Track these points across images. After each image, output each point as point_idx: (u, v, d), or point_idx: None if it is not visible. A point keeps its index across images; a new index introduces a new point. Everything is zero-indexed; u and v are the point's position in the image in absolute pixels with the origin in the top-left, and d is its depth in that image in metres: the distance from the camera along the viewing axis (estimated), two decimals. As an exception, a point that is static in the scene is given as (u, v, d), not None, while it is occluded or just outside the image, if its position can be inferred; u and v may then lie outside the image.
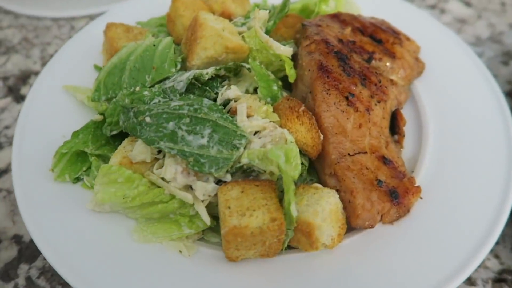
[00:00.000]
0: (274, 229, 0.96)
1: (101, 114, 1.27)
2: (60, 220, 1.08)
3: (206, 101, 1.10)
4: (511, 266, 1.20)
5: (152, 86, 1.23)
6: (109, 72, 1.29)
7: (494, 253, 1.23)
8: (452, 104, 1.36)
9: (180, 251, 1.05)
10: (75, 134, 1.21)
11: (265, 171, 1.04)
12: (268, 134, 1.08)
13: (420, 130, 1.34)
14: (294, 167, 1.03)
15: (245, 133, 1.07)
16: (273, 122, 1.12)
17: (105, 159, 1.21)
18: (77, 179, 1.18)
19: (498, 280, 1.17)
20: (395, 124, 1.30)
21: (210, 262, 1.04)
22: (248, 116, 1.11)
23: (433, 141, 1.28)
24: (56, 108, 1.35)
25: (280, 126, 1.11)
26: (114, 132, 1.22)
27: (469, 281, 1.17)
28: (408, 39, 1.47)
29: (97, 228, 1.08)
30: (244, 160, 1.03)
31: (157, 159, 1.09)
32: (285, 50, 1.26)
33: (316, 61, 1.23)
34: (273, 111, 1.14)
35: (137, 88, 1.20)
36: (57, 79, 1.41)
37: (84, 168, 1.19)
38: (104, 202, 1.06)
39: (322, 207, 1.01)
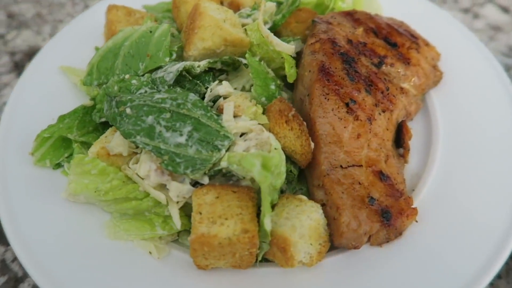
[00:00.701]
0: (244, 242, 0.89)
1: (93, 99, 1.23)
2: (33, 207, 1.05)
3: (191, 96, 1.03)
4: (513, 306, 1.09)
5: (144, 75, 1.17)
6: (103, 56, 1.24)
7: (495, 288, 1.11)
8: (468, 120, 1.24)
9: (150, 252, 1.00)
10: (61, 118, 1.17)
11: (244, 177, 0.97)
12: (254, 137, 1.00)
13: (429, 145, 1.23)
14: (276, 176, 0.95)
15: (229, 134, 1.00)
16: (262, 124, 1.04)
17: (89, 146, 1.16)
18: (58, 165, 1.15)
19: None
20: (400, 137, 1.20)
21: (180, 267, 0.99)
22: (235, 116, 1.04)
23: (441, 159, 1.17)
24: (51, 89, 1.32)
25: (269, 130, 1.03)
26: (103, 120, 1.18)
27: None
28: (427, 44, 1.34)
29: (69, 219, 1.04)
30: (223, 164, 0.96)
31: (135, 154, 1.03)
32: (286, 47, 1.17)
33: (318, 61, 1.14)
34: (265, 113, 1.06)
35: (127, 76, 1.14)
36: (56, 59, 1.38)
37: (66, 155, 1.16)
38: (76, 193, 1.01)
39: (302, 222, 0.93)
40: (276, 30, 1.37)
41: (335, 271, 0.98)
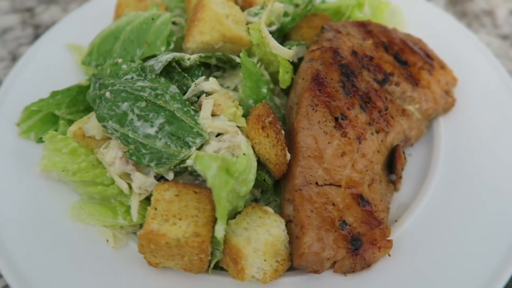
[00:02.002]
0: (193, 246, 0.85)
1: (89, 79, 1.23)
2: (7, 177, 1.06)
3: (172, 88, 1.00)
4: None
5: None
6: (104, 38, 1.24)
7: None
8: (473, 157, 1.13)
9: (107, 240, 0.98)
10: (54, 93, 1.18)
11: (208, 179, 0.93)
12: (228, 139, 0.96)
13: (425, 176, 1.13)
14: (240, 183, 0.90)
15: (203, 132, 0.96)
16: (239, 127, 0.99)
17: (75, 125, 1.17)
18: (42, 140, 1.15)
19: None
20: (393, 162, 1.11)
21: (133, 260, 0.96)
22: (213, 115, 1.00)
23: (433, 194, 1.07)
24: (54, 65, 1.34)
25: (246, 134, 0.99)
26: (95, 100, 1.17)
27: None
28: (443, 67, 1.24)
29: (39, 194, 1.05)
30: (189, 162, 0.92)
31: (109, 139, 1.02)
32: (283, 51, 1.12)
33: (313, 70, 1.08)
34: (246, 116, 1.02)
35: (120, 60, 1.14)
36: (65, 37, 1.40)
37: (52, 130, 1.16)
38: (46, 169, 1.01)
39: (258, 236, 0.88)
40: (285, 32, 1.32)
41: (290, 293, 0.92)
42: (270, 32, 1.24)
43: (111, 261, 0.96)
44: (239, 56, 1.15)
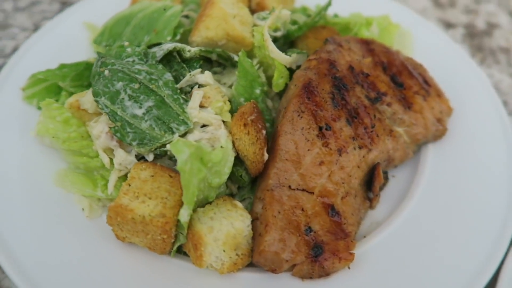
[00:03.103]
0: (157, 225, 0.89)
1: (97, 57, 1.29)
2: (4, 136, 1.12)
3: (167, 75, 1.05)
4: None
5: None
6: (117, 21, 1.30)
7: None
8: (453, 188, 1.13)
9: (83, 209, 1.03)
10: (62, 66, 1.24)
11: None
12: (211, 131, 1.00)
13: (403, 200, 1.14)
14: (214, 174, 0.94)
15: (188, 120, 1.00)
16: (224, 122, 1.03)
17: (76, 98, 1.23)
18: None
19: None
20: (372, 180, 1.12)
21: (103, 232, 1.00)
22: (202, 106, 1.03)
23: (406, 218, 1.08)
24: (69, 40, 1.40)
25: (230, 129, 1.02)
26: (100, 79, 1.23)
27: None
28: (439, 95, 1.25)
29: (28, 156, 1.10)
30: (169, 146, 0.96)
31: (101, 114, 1.07)
32: (280, 56, 1.15)
33: (305, 77, 1.10)
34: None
35: (126, 43, 1.19)
36: (85, 15, 1.47)
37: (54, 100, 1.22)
38: (40, 134, 1.07)
39: (221, 226, 0.91)
40: (292, 40, 1.36)
41: (244, 287, 0.94)
42: (275, 38, 1.28)
43: (82, 229, 1.00)
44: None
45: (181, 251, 1.00)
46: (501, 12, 2.01)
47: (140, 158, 1.01)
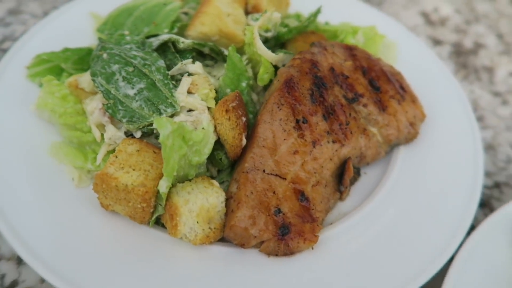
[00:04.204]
0: (138, 194, 0.97)
1: (100, 44, 1.38)
2: (5, 109, 1.21)
3: (160, 62, 1.14)
4: None
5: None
6: (120, 12, 1.40)
7: None
8: (419, 187, 1.21)
9: (73, 179, 1.11)
10: (65, 49, 1.34)
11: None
12: (195, 115, 1.09)
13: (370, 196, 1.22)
14: (194, 152, 1.02)
15: (176, 104, 1.09)
16: (209, 108, 1.12)
17: (76, 80, 1.32)
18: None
19: None
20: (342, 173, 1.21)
21: (90, 201, 1.08)
22: (189, 92, 1.13)
23: (372, 208, 1.16)
24: (75, 28, 1.50)
25: (213, 115, 1.11)
26: (100, 64, 1.32)
27: None
28: (414, 101, 1.34)
29: (27, 129, 1.18)
30: (155, 125, 1.05)
31: (97, 93, 1.16)
32: (267, 53, 1.25)
33: (288, 74, 1.20)
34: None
35: (126, 32, 1.29)
36: (92, 5, 1.57)
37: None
38: (39, 108, 1.16)
39: (196, 199, 0.99)
40: (282, 42, 1.45)
41: (214, 259, 1.02)
42: (266, 38, 1.38)
43: (71, 197, 1.09)
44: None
45: (159, 223, 1.08)
46: (490, 34, 2.11)
47: (129, 135, 1.10)
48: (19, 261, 1.11)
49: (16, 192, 1.07)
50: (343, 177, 1.19)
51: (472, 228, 1.15)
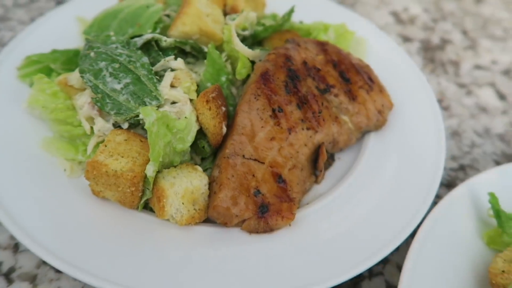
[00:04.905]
0: (127, 178, 1.05)
1: (86, 45, 1.46)
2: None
3: (144, 59, 1.23)
4: None
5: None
6: (106, 15, 1.48)
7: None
8: (387, 168, 1.32)
9: (65, 170, 1.19)
10: (54, 51, 1.41)
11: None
12: (178, 106, 1.17)
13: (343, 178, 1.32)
14: (178, 140, 1.11)
15: (160, 96, 1.18)
16: (191, 100, 1.20)
17: (65, 79, 1.39)
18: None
19: None
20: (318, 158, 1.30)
21: (82, 190, 1.15)
22: (172, 86, 1.21)
23: (344, 189, 1.26)
24: (62, 31, 1.57)
25: (195, 106, 1.20)
26: (88, 65, 1.40)
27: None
28: (382, 91, 1.45)
29: (19, 126, 1.25)
30: (141, 115, 1.13)
31: (85, 89, 1.24)
32: (244, 49, 1.34)
33: (263, 67, 1.29)
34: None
35: (112, 33, 1.37)
36: (78, 10, 1.65)
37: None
38: (31, 105, 1.23)
39: (181, 182, 1.08)
40: (259, 40, 1.55)
41: (200, 238, 1.10)
42: (244, 36, 1.48)
43: (64, 187, 1.16)
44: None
45: (147, 208, 1.16)
46: (455, 31, 2.25)
47: (117, 126, 1.18)
48: (15, 249, 1.18)
49: (12, 183, 1.13)
50: (317, 161, 1.29)
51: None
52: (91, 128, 1.19)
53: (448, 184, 1.51)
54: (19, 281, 1.11)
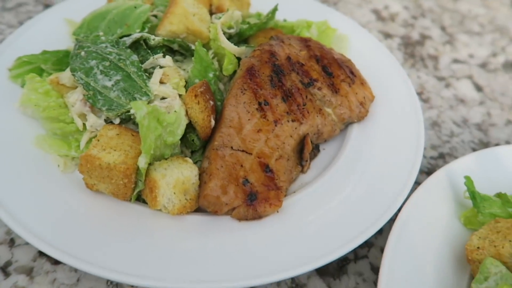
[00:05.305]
0: (120, 170, 1.09)
1: (76, 45, 1.50)
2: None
3: (134, 57, 1.28)
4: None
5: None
6: (94, 16, 1.52)
7: None
8: (369, 157, 1.37)
9: (58, 165, 1.22)
10: (44, 52, 1.45)
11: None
12: (168, 101, 1.22)
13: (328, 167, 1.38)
14: (168, 133, 1.16)
15: (150, 92, 1.23)
16: (180, 95, 1.25)
17: (56, 79, 1.43)
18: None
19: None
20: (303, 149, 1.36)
21: (76, 184, 1.19)
22: (161, 82, 1.26)
23: (328, 178, 1.31)
24: (52, 33, 1.61)
25: (184, 101, 1.24)
26: (78, 64, 1.44)
27: None
28: (363, 84, 1.51)
29: (13, 125, 1.29)
30: (132, 111, 1.18)
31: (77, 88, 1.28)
32: (230, 46, 1.40)
33: (249, 63, 1.35)
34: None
35: (101, 33, 1.42)
36: (67, 13, 1.68)
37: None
38: (23, 104, 1.27)
39: (172, 173, 1.12)
40: (245, 38, 1.61)
41: (191, 226, 1.15)
42: (230, 35, 1.53)
43: (58, 182, 1.20)
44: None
45: (140, 200, 1.20)
46: (434, 27, 2.33)
47: (108, 122, 1.22)
48: (11, 244, 1.21)
49: (8, 181, 1.17)
50: (303, 151, 1.35)
51: (417, 189, 1.32)
52: (84, 124, 1.23)
53: (428, 172, 1.58)
54: (16, 274, 1.14)
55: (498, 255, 1.07)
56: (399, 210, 1.22)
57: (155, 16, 1.61)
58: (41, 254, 1.18)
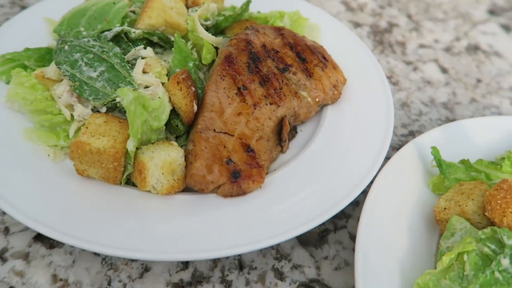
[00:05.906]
0: (109, 154, 1.15)
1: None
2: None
3: (116, 49, 1.34)
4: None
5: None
6: (74, 13, 1.57)
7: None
8: (343, 136, 1.47)
9: (48, 155, 1.27)
10: (26, 49, 1.49)
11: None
12: (152, 89, 1.29)
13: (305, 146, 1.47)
14: (154, 118, 1.22)
15: (133, 82, 1.29)
16: (163, 83, 1.32)
17: (40, 75, 1.47)
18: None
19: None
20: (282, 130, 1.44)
21: (66, 171, 1.25)
22: (144, 72, 1.32)
23: (305, 156, 1.40)
24: (32, 32, 1.65)
25: (167, 88, 1.31)
26: (60, 61, 1.49)
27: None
28: (335, 68, 1.60)
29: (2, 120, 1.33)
30: (118, 99, 1.24)
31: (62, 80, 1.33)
32: (207, 36, 1.47)
33: (227, 51, 1.42)
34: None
35: (82, 29, 1.47)
36: (46, 11, 1.72)
37: (21, 76, 1.46)
38: (10, 98, 1.31)
39: (160, 155, 1.19)
40: (221, 30, 1.68)
41: (180, 205, 1.21)
42: (206, 26, 1.60)
43: (50, 171, 1.25)
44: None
45: (129, 183, 1.26)
46: (401, 15, 2.46)
47: (95, 111, 1.28)
48: (6, 232, 1.25)
49: (3, 172, 1.21)
50: (281, 132, 1.43)
51: (389, 162, 1.42)
52: (71, 114, 1.28)
53: (400, 148, 1.67)
54: (13, 259, 1.19)
55: (463, 213, 1.17)
56: (373, 182, 1.32)
57: (133, 12, 1.67)
58: (36, 239, 1.23)
